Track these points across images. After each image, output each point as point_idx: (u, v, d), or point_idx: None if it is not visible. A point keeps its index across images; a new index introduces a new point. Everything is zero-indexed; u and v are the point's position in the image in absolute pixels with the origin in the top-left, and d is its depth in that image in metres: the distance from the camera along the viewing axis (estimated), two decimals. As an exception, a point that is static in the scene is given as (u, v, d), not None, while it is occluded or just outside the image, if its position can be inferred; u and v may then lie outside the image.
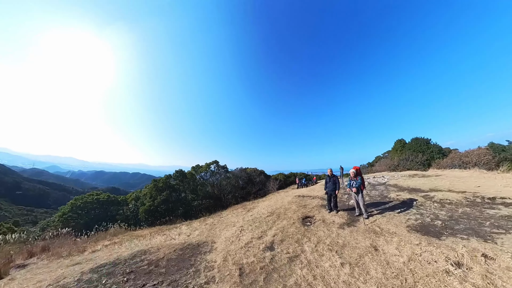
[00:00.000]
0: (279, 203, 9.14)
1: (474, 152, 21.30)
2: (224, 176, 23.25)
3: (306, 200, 8.88)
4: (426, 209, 6.27)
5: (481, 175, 11.95)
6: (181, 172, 22.56)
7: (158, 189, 22.27)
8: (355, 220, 5.78)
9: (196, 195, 23.71)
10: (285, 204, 8.63)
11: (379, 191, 9.51)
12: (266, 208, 8.87)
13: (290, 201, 8.96)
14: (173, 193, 22.54)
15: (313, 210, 7.09)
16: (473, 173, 12.63)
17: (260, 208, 9.09)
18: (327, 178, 6.83)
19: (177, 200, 22.12)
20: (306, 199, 9.10)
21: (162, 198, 20.45)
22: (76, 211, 20.96)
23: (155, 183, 22.36)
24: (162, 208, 20.64)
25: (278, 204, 9.13)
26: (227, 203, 23.48)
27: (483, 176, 11.39)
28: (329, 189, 6.68)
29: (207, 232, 6.92)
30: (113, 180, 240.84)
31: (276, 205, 8.99)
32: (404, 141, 29.90)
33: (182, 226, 8.81)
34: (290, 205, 8.11)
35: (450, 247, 3.86)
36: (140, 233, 9.37)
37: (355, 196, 6.14)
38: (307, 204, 7.91)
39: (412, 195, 8.09)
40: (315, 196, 9.37)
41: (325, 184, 6.94)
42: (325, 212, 6.74)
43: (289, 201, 9.21)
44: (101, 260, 5.64)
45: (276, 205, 8.99)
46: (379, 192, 9.39)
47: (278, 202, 9.73)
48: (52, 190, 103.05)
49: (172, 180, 23.07)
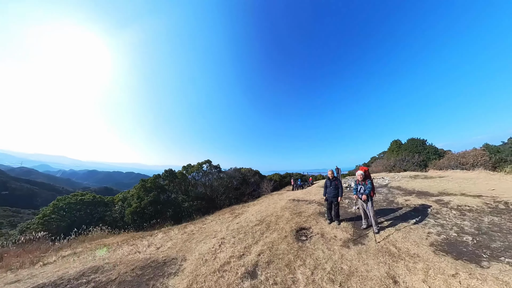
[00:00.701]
0: (271, 209, 7.98)
1: (471, 153, 20.88)
2: (217, 176, 21.87)
3: (301, 205, 7.67)
4: (445, 219, 5.12)
5: (489, 176, 10.96)
6: (171, 172, 21.10)
7: (146, 189, 20.75)
8: (362, 236, 4.55)
9: (187, 196, 22.27)
10: (277, 210, 7.46)
11: (383, 195, 8.36)
12: (255, 214, 7.64)
13: (284, 207, 7.78)
14: (162, 194, 21.06)
15: (309, 220, 5.83)
16: (479, 174, 11.63)
17: (249, 214, 7.84)
18: (327, 181, 5.50)
19: (167, 201, 20.65)
20: (301, 204, 7.89)
21: (150, 199, 18.95)
22: (58, 212, 19.27)
23: (143, 183, 20.83)
24: (150, 210, 19.15)
25: (270, 209, 7.96)
26: (220, 204, 22.12)
27: (491, 178, 10.38)
28: (329, 195, 5.38)
29: (181, 245, 5.62)
30: (106, 180, 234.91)
31: (267, 210, 7.81)
32: (400, 142, 29.15)
33: (158, 234, 7.47)
34: (283, 212, 6.94)
35: (501, 280, 2.65)
36: (111, 240, 7.97)
37: (362, 205, 4.91)
38: (303, 211, 6.71)
39: (422, 199, 6.95)
40: (312, 201, 8.16)
41: (324, 189, 5.63)
42: (324, 223, 5.49)
43: (282, 206, 8.02)
44: (42, 279, 4.39)
45: (267, 210, 7.81)
46: (384, 196, 8.23)
47: (270, 207, 8.57)
48: (40, 190, 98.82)
49: (162, 180, 21.58)
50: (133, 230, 15.51)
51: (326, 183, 5.62)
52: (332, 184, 5.41)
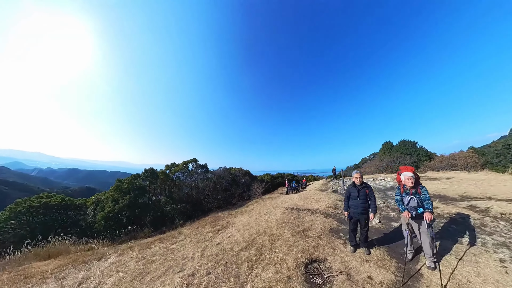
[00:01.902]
0: (264, 222, 6.03)
1: (461, 155, 20.85)
2: (203, 176, 19.54)
3: (304, 217, 5.79)
4: (501, 234, 3.62)
5: (498, 177, 9.90)
6: (152, 171, 18.47)
7: (122, 191, 17.96)
8: (413, 275, 2.72)
9: (171, 199, 19.73)
10: (272, 225, 5.52)
11: None
12: (243, 229, 5.64)
13: (281, 220, 5.88)
14: (142, 196, 18.36)
15: (321, 244, 3.93)
16: (487, 175, 10.57)
17: (235, 230, 5.81)
18: (352, 189, 3.64)
19: (146, 204, 17.99)
20: (303, 215, 6.02)
21: (125, 202, 16.24)
22: (16, 218, 15.96)
23: (119, 183, 18.02)
24: (125, 214, 16.40)
25: (262, 223, 6.01)
26: (208, 207, 19.81)
27: (502, 179, 9.26)
28: (356, 209, 3.56)
29: (128, 284, 3.49)
30: (88, 179, 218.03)
31: (259, 225, 5.86)
32: (391, 144, 28.64)
33: (110, 257, 5.26)
34: (280, 229, 4.98)
35: None
36: (43, 267, 5.50)
37: (411, 226, 3.09)
38: (308, 228, 4.78)
39: (450, 206, 5.49)
40: (316, 211, 6.27)
41: (346, 200, 3.75)
42: (345, 250, 3.64)
43: (278, 218, 6.13)
44: None
45: (259, 225, 5.86)
46: None
47: (263, 218, 6.59)
48: (12, 191, 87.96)
49: (141, 180, 18.85)
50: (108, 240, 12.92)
51: (349, 192, 3.63)
52: (361, 194, 3.47)
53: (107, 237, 13.88)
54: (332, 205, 6.79)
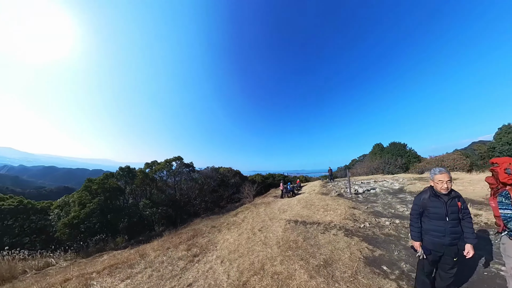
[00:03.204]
0: (260, 247, 4.04)
1: (450, 156, 21.08)
2: (189, 176, 17.27)
3: (315, 236, 4.05)
4: None
5: None
6: (129, 170, 15.86)
7: (91, 193, 15.15)
8: None
9: (151, 201, 17.17)
10: (273, 252, 3.59)
11: None
12: (229, 259, 3.80)
13: (284, 242, 3.98)
14: (115, 198, 15.65)
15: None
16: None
17: (217, 259, 3.92)
18: (431, 200, 2.00)
19: (120, 208, 15.30)
20: (314, 233, 4.22)
21: (93, 206, 13.52)
22: None
23: (88, 184, 15.17)
24: (93, 221, 13.62)
25: (256, 248, 4.02)
26: (193, 210, 17.55)
27: None
28: (441, 239, 1.91)
29: None
30: (67, 178, 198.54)
31: (252, 252, 3.88)
32: (382, 145, 28.44)
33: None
34: (287, 262, 3.08)
35: None
36: None
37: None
38: (331, 259, 3.04)
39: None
40: (329, 225, 4.59)
41: (415, 220, 2.14)
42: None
43: (280, 238, 4.20)
44: None
45: (252, 252, 3.88)
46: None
47: (257, 239, 4.55)
48: (-27, 191, 76.78)
49: (116, 179, 16.11)
50: (73, 252, 10.34)
51: (425, 206, 2.07)
52: (451, 210, 1.91)
53: (72, 248, 11.25)
54: (348, 215, 5.14)
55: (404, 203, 6.40)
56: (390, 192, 8.53)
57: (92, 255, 8.73)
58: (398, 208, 5.86)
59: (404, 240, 3.72)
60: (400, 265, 2.92)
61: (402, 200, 6.87)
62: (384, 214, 5.33)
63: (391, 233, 4.09)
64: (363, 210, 5.68)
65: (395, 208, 5.84)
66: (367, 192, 8.79)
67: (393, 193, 8.31)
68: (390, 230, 4.19)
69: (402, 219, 4.84)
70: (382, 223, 4.62)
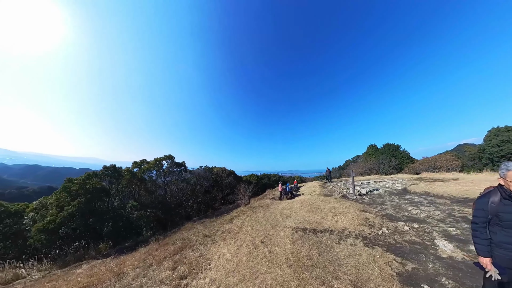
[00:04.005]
0: (265, 267, 3.17)
1: (442, 157, 21.63)
2: (179, 177, 16.26)
3: (331, 248, 3.42)
4: None
5: (495, 176, 9.01)
6: (114, 169, 14.63)
7: (71, 194, 13.78)
8: None
9: (139, 203, 15.96)
10: (284, 274, 2.78)
11: (446, 210, 4.90)
12: (226, 284, 2.92)
13: (295, 258, 3.23)
14: (99, 200, 14.35)
15: None
16: (486, 176, 9.70)
17: (210, 284, 3.05)
18: (504, 203, 1.47)
19: (104, 211, 14.02)
20: (329, 244, 3.60)
21: (72, 210, 12.20)
22: None
23: (68, 184, 13.80)
24: (72, 226, 12.29)
25: (261, 268, 3.13)
26: (185, 212, 16.53)
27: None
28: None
29: None
30: (52, 177, 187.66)
31: (256, 274, 3.00)
32: (376, 146, 28.74)
33: None
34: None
35: None
36: None
37: None
38: (359, 280, 2.37)
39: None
40: (343, 232, 4.02)
41: (481, 230, 1.58)
42: None
43: (289, 253, 3.45)
44: None
45: (256, 274, 3.00)
46: (448, 212, 4.74)
47: (261, 255, 3.64)
48: None
49: (100, 179, 14.80)
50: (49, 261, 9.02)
51: (496, 211, 1.53)
52: None
53: (49, 256, 9.94)
54: (362, 220, 4.55)
55: (414, 204, 5.98)
56: (394, 193, 8.16)
57: (70, 264, 7.82)
58: (410, 210, 5.40)
59: (432, 249, 3.20)
60: (442, 282, 2.36)
61: (411, 201, 6.47)
62: (399, 218, 4.83)
63: (414, 240, 3.56)
64: (375, 214, 5.16)
65: (407, 211, 5.38)
66: (371, 193, 8.38)
67: (397, 194, 7.94)
68: (413, 237, 3.67)
69: (419, 223, 4.36)
70: (401, 228, 4.10)
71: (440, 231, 3.85)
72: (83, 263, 7.45)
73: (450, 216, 4.62)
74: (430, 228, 3.99)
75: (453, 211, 4.94)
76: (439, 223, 4.30)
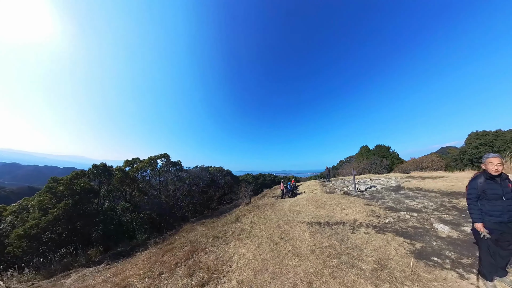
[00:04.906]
0: (293, 260, 3.39)
1: (428, 158, 23.90)
2: (176, 176, 16.20)
3: (348, 237, 3.89)
4: None
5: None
6: (104, 168, 14.21)
7: (57, 195, 13.15)
8: None
9: (131, 204, 15.60)
10: (315, 265, 3.09)
11: (437, 201, 5.74)
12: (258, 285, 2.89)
13: (323, 254, 3.44)
14: (87, 202, 13.84)
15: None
16: (468, 174, 11.08)
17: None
18: (487, 182, 2.22)
19: (94, 213, 13.54)
20: (345, 234, 4.09)
21: (57, 213, 11.63)
22: None
23: (52, 184, 13.13)
24: (57, 230, 11.65)
25: (290, 263, 3.34)
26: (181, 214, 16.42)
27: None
28: (500, 217, 2.12)
29: None
30: (32, 177, 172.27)
31: (288, 273, 3.04)
32: (368, 147, 30.57)
33: None
34: (342, 276, 2.68)
35: None
36: None
37: None
38: (382, 259, 2.94)
39: None
40: (355, 223, 4.52)
41: (474, 203, 2.31)
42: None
43: (311, 245, 3.80)
44: None
45: (288, 273, 3.04)
46: (438, 203, 5.57)
47: (284, 250, 3.86)
48: None
49: (89, 179, 14.27)
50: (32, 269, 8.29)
51: (482, 189, 2.25)
52: (505, 191, 2.15)
53: (31, 264, 9.33)
54: (369, 212, 5.25)
55: (410, 198, 6.84)
56: (390, 189, 9.09)
57: (57, 274, 7.09)
58: (407, 202, 6.22)
59: (432, 231, 3.90)
60: (446, 254, 3.02)
61: (406, 195, 7.34)
62: (399, 209, 5.59)
63: (416, 225, 4.26)
64: (378, 206, 5.89)
65: (405, 203, 6.19)
66: (369, 189, 9.24)
67: (393, 190, 8.87)
68: (415, 223, 4.38)
69: (418, 212, 5.13)
70: (403, 217, 4.82)
71: (436, 217, 4.61)
72: (72, 272, 6.82)
73: (442, 206, 5.46)
74: (427, 216, 4.75)
75: (444, 202, 5.80)
76: (433, 211, 5.09)
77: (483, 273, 2.30)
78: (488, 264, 2.25)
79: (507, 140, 18.66)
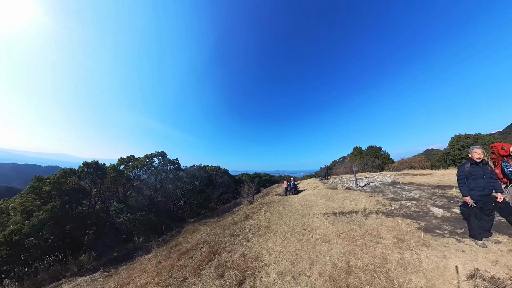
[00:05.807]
0: (328, 249, 3.77)
1: (416, 159, 26.39)
2: (174, 175, 16.26)
3: (367, 223, 4.50)
4: None
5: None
6: (97, 166, 13.92)
7: (42, 196, 12.63)
8: None
9: (126, 205, 15.35)
10: (344, 247, 3.67)
11: (430, 192, 6.86)
12: (306, 277, 3.07)
13: (348, 237, 4.09)
14: (78, 203, 13.45)
15: (437, 247, 3.16)
16: (452, 171, 12.77)
17: (289, 284, 3.01)
18: (472, 167, 3.19)
19: (84, 216, 13.17)
20: (359, 219, 4.76)
21: (42, 216, 11.02)
22: None
23: (37, 184, 12.58)
24: (43, 235, 10.73)
25: (325, 252, 3.71)
26: (178, 215, 16.47)
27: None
28: (482, 191, 3.12)
29: None
30: (10, 176, 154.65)
31: (324, 257, 3.54)
32: (360, 148, 32.59)
33: None
34: (370, 250, 3.40)
35: None
36: None
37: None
38: (401, 236, 3.69)
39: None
40: (365, 211, 5.20)
41: (463, 182, 3.26)
42: (477, 249, 3.03)
43: (336, 232, 4.36)
44: None
45: (324, 257, 3.54)
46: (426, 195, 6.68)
47: (315, 241, 4.21)
48: None
49: (79, 178, 13.86)
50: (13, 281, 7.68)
51: (469, 172, 3.18)
52: (486, 172, 3.10)
53: (13, 274, 8.83)
54: (375, 202, 6.15)
55: (406, 190, 7.92)
56: (387, 184, 10.24)
57: (45, 285, 6.39)
58: (405, 194, 7.25)
59: (430, 213, 4.84)
60: (445, 227, 3.95)
61: (403, 189, 8.44)
62: (400, 199, 6.57)
63: (417, 210, 5.19)
64: (382, 197, 6.84)
65: (403, 194, 7.21)
66: (368, 185, 10.30)
67: (389, 184, 10.01)
68: (416, 208, 5.31)
69: (415, 200, 6.13)
70: (405, 205, 5.75)
71: (431, 203, 5.61)
72: (63, 282, 6.07)
73: (434, 196, 6.56)
74: (424, 203, 5.74)
75: (435, 193, 6.93)
76: (428, 200, 6.12)
77: (474, 235, 3.19)
78: (476, 226, 3.15)
79: (485, 143, 21.36)
